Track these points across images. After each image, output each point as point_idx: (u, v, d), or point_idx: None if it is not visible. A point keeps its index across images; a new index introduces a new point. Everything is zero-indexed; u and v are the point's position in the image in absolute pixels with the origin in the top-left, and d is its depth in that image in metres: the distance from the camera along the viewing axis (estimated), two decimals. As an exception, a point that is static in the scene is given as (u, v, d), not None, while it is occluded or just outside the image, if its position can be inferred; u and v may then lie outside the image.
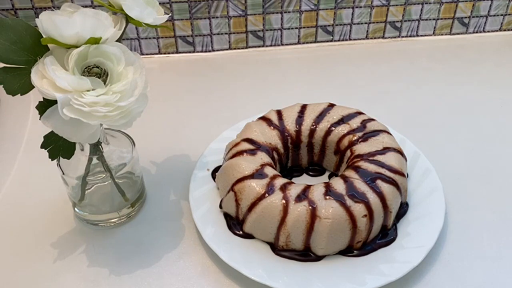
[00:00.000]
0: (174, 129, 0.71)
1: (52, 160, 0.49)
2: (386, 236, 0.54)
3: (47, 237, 0.57)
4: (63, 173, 0.53)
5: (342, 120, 0.60)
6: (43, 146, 0.48)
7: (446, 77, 0.82)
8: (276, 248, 0.53)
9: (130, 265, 0.54)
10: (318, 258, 0.52)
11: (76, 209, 0.58)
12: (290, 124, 0.61)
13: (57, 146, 0.48)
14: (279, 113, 0.62)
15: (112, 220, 0.58)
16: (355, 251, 0.53)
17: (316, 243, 0.51)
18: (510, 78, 0.82)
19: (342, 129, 0.60)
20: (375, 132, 0.59)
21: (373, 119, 0.61)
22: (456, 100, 0.77)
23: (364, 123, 0.60)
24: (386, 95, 0.78)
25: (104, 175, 0.55)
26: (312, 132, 0.60)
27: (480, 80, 0.81)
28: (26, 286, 0.52)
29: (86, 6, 0.50)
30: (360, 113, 0.62)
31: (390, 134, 0.59)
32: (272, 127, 0.60)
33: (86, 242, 0.56)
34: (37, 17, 0.42)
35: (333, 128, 0.60)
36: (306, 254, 0.53)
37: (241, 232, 0.54)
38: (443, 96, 0.78)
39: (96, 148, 0.52)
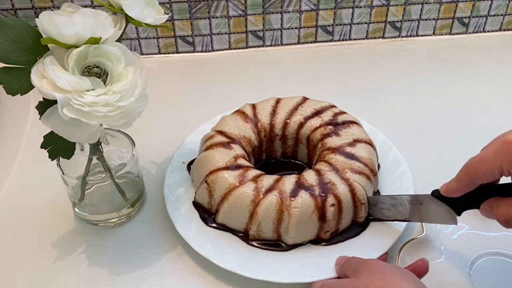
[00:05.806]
0: (174, 129, 0.71)
1: (52, 160, 0.49)
2: (357, 227, 0.55)
3: (47, 237, 0.57)
4: (63, 173, 0.53)
5: (314, 114, 0.62)
6: (43, 146, 0.48)
7: (446, 77, 0.82)
8: (248, 238, 0.54)
9: (130, 265, 0.54)
10: (288, 247, 0.53)
11: (76, 209, 0.58)
12: (264, 118, 0.62)
13: (57, 146, 0.48)
14: (253, 107, 0.63)
15: (112, 220, 0.58)
16: (325, 242, 0.54)
17: (285, 232, 0.52)
18: (510, 78, 0.81)
19: (315, 122, 0.61)
20: (346, 125, 0.60)
21: (344, 112, 0.62)
22: (456, 100, 0.77)
23: (335, 116, 0.61)
24: (386, 95, 0.78)
25: (104, 175, 0.55)
26: (285, 125, 0.62)
27: (480, 80, 0.81)
28: (26, 286, 0.52)
29: (86, 6, 0.50)
30: (332, 106, 0.63)
31: (361, 126, 0.61)
32: (246, 120, 0.61)
33: (86, 242, 0.56)
34: (37, 17, 0.42)
35: (306, 121, 0.61)
36: (278, 244, 0.54)
37: (214, 224, 0.55)
38: (443, 96, 0.78)
39: (96, 148, 0.52)
